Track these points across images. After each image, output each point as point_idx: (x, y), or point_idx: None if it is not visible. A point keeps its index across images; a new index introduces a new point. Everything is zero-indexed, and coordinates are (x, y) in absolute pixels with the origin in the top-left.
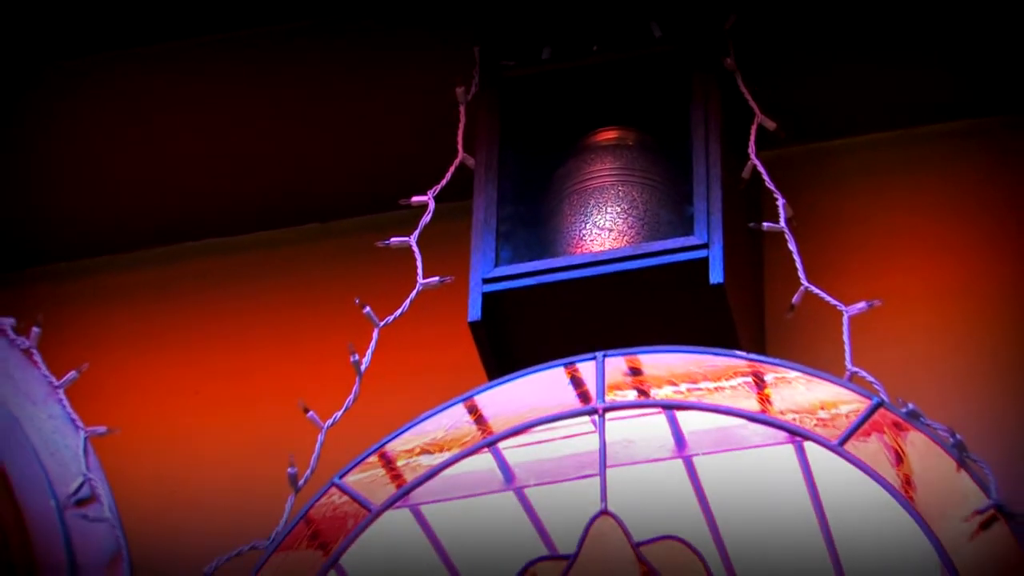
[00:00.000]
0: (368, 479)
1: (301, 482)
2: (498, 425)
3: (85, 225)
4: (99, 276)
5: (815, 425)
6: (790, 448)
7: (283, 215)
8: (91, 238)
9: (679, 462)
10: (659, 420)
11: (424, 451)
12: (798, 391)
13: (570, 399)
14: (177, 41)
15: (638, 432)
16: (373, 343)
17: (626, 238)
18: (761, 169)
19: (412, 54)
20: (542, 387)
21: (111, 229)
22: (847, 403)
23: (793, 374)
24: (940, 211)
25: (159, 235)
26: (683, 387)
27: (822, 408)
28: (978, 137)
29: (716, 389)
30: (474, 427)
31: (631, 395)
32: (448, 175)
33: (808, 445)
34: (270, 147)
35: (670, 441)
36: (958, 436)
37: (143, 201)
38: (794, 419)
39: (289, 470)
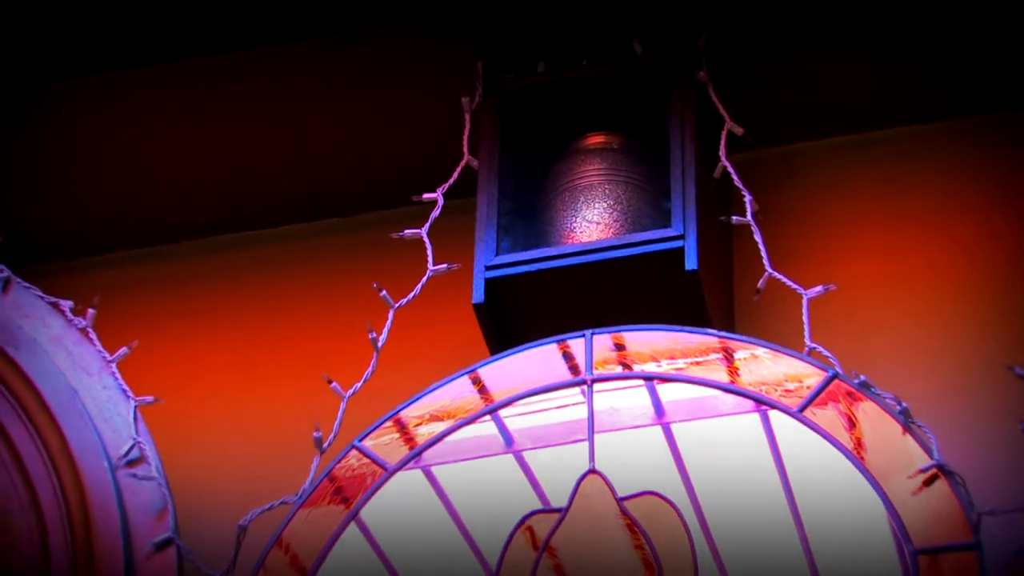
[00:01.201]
0: (384, 442)
1: (325, 445)
2: (499, 395)
3: (137, 219)
4: (148, 265)
5: (779, 395)
6: (756, 416)
7: (308, 210)
8: (141, 231)
9: (658, 428)
10: (641, 391)
11: (434, 418)
12: (764, 365)
13: (562, 372)
14: (222, 54)
15: (622, 401)
16: (389, 323)
17: (611, 230)
18: (730, 169)
19: (423, 69)
20: (537, 361)
21: (159, 223)
22: (807, 376)
23: (759, 350)
24: (890, 206)
25: (201, 229)
26: (662, 361)
27: (787, 381)
28: (926, 140)
29: (692, 363)
30: (477, 397)
31: (616, 368)
32: (455, 175)
33: (772, 413)
34: (297, 151)
35: (650, 410)
36: (904, 404)
37: (187, 199)
38: (762, 390)
39: (315, 434)
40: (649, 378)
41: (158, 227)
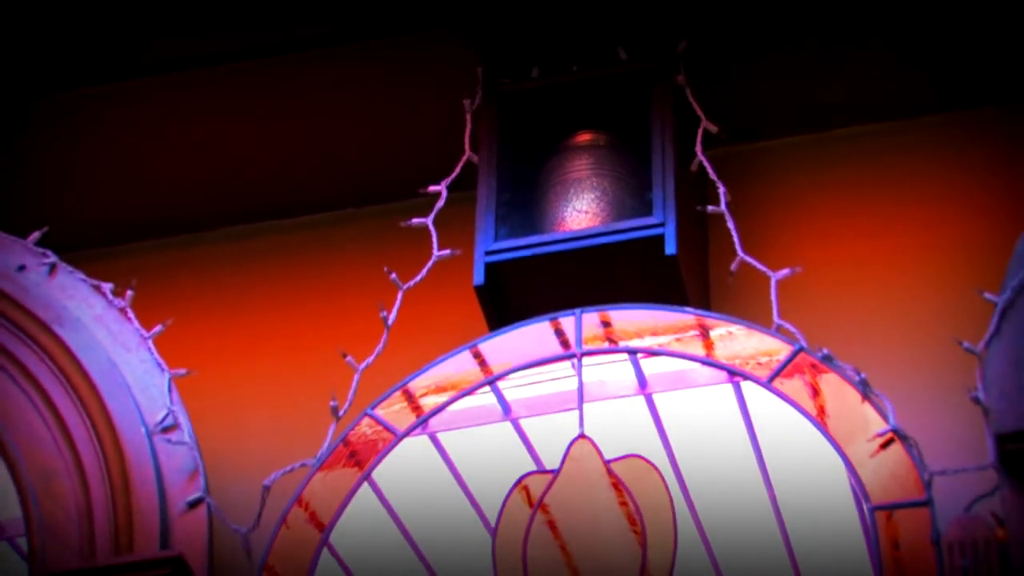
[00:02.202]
0: (394, 410)
1: (340, 413)
2: (497, 368)
3: (170, 210)
4: (180, 251)
5: (751, 368)
6: (730, 386)
7: (325, 201)
8: (174, 220)
9: (642, 398)
10: (625, 364)
11: (439, 388)
12: (737, 341)
13: (554, 347)
14: (248, 61)
15: (609, 374)
16: (398, 303)
17: (599, 219)
18: (706, 164)
19: (429, 74)
20: (532, 337)
21: (190, 214)
22: (776, 350)
23: (733, 327)
24: (851, 197)
25: (228, 218)
26: (645, 337)
27: (758, 355)
28: (885, 137)
29: (672, 339)
30: (478, 369)
31: (603, 344)
32: (457, 169)
33: (744, 383)
34: (315, 148)
35: (634, 381)
36: (862, 375)
37: (216, 191)
38: (735, 363)
39: (331, 403)
40: (633, 352)
41: (189, 217)
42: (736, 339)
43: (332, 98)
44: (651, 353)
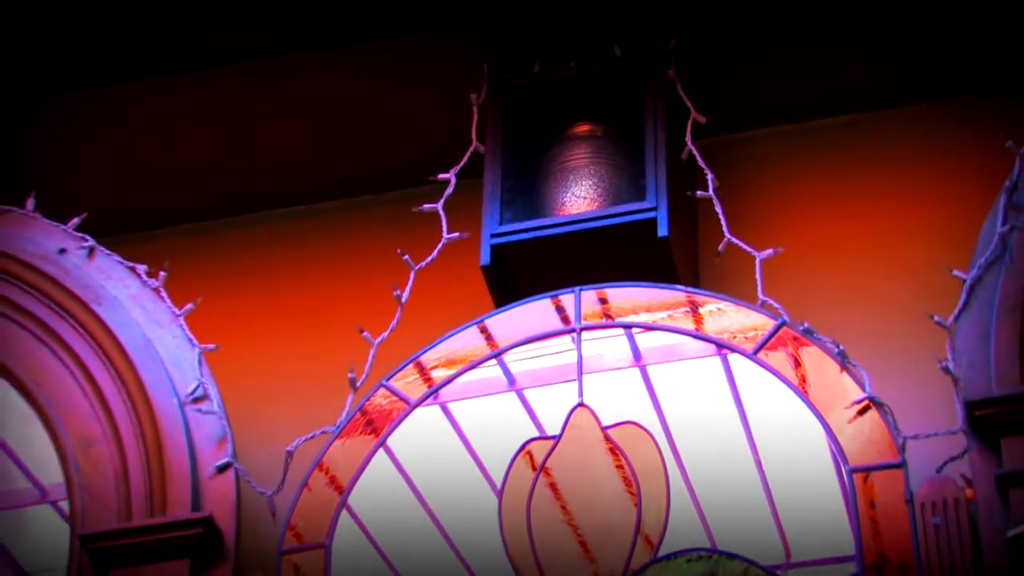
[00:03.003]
0: (407, 382)
1: (358, 384)
2: (502, 342)
3: (200, 198)
4: (209, 235)
5: (737, 341)
6: (718, 358)
7: (343, 189)
8: (205, 207)
9: (636, 370)
10: (621, 339)
11: (449, 362)
12: (725, 316)
13: (555, 322)
14: (276, 58)
15: (606, 347)
16: (410, 282)
17: (596, 203)
18: (695, 152)
19: (438, 70)
20: (535, 314)
21: (220, 201)
22: (760, 325)
23: (721, 304)
24: (831, 183)
25: (255, 205)
26: (640, 313)
27: (744, 330)
28: (863, 127)
29: (664, 315)
30: (484, 343)
31: (600, 319)
32: (465, 158)
33: (731, 355)
34: (335, 140)
35: (629, 354)
36: (841, 347)
37: (244, 180)
38: (723, 337)
39: (349, 375)
40: (628, 327)
41: (217, 204)
42: (724, 315)
43: (350, 94)
44: (646, 328)
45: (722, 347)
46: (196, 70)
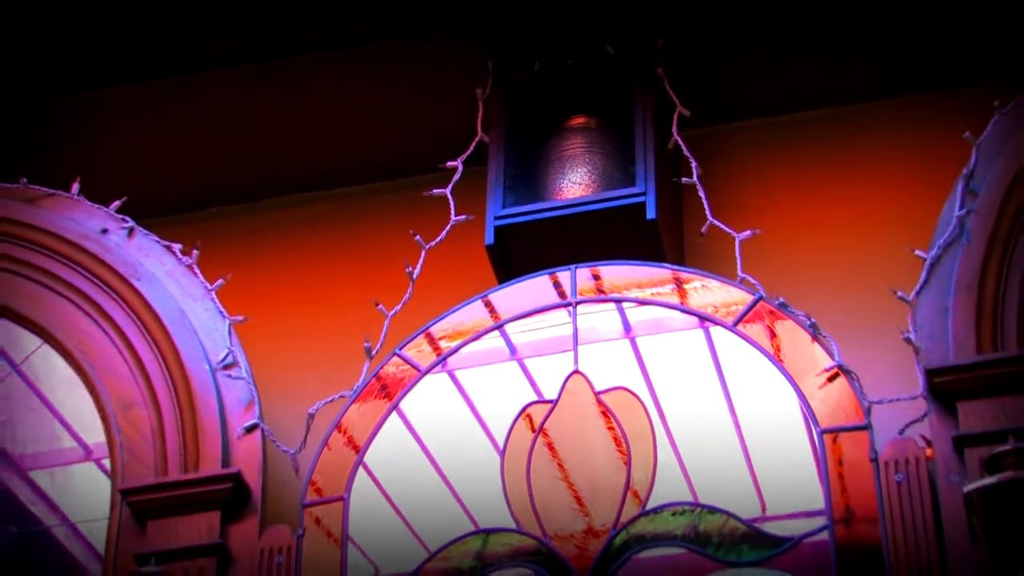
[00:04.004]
0: (418, 351)
1: (373, 353)
2: (505, 315)
3: (229, 182)
4: (238, 218)
5: (719, 315)
6: (701, 330)
7: (361, 175)
8: (233, 191)
9: (627, 341)
10: (613, 312)
11: (456, 333)
12: (707, 292)
13: (553, 297)
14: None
15: (598, 320)
16: (421, 260)
17: (590, 189)
18: (681, 143)
19: (447, 68)
20: (534, 289)
21: (246, 185)
22: (739, 300)
23: (704, 281)
24: (806, 171)
25: (278, 189)
26: (631, 289)
27: (724, 305)
28: (835, 121)
29: (652, 291)
30: (488, 316)
31: (594, 294)
32: (471, 148)
33: (713, 328)
34: (352, 131)
35: (620, 326)
36: (812, 319)
37: (269, 168)
38: (707, 311)
39: (365, 345)
40: (619, 301)
41: (246, 189)
42: (707, 291)
43: (367, 90)
44: (639, 302)
45: (705, 320)
46: (226, 67)
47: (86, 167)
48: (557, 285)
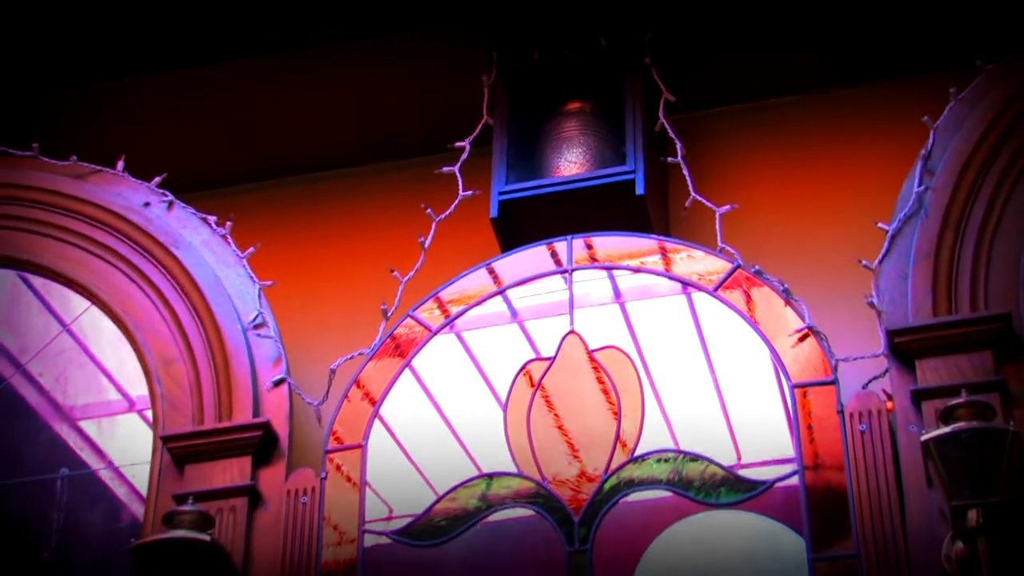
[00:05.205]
0: (429, 313)
1: (388, 315)
2: (507, 281)
3: (261, 161)
4: (267, 192)
5: (700, 281)
6: (684, 296)
7: (379, 154)
8: (262, 169)
9: (616, 306)
10: (605, 279)
11: (463, 297)
12: (692, 262)
13: (550, 265)
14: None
15: (591, 286)
16: (432, 231)
17: (585, 167)
18: (667, 125)
19: (456, 57)
20: (533, 258)
21: (273, 163)
22: (719, 268)
23: (688, 251)
24: (781, 150)
25: (303, 168)
26: (623, 259)
27: (706, 273)
28: (807, 106)
29: (640, 260)
30: (492, 283)
31: (588, 262)
32: (477, 130)
33: (696, 293)
34: (371, 116)
35: (611, 292)
36: (785, 285)
37: (294, 148)
38: (694, 278)
39: (382, 307)
40: (610, 268)
41: (274, 167)
42: (691, 260)
43: (383, 78)
44: (633, 270)
45: (687, 286)
46: (256, 57)
47: (130, 146)
48: (554, 254)
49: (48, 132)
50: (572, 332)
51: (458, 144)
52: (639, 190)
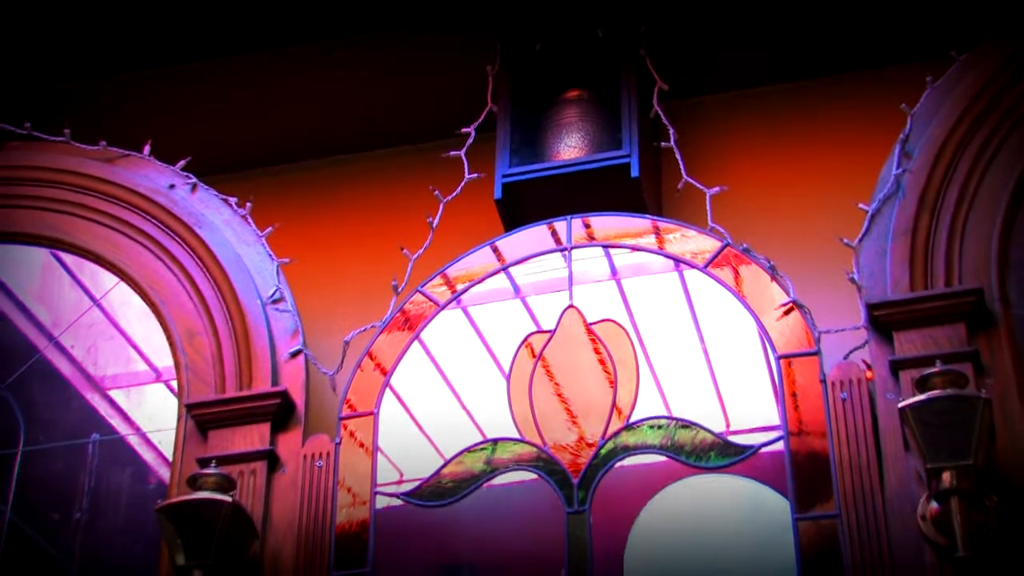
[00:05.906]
0: (437, 289)
1: (399, 290)
2: (510, 259)
3: (280, 146)
4: (285, 175)
5: (692, 259)
6: (676, 272)
7: (389, 140)
8: (280, 152)
9: (613, 282)
10: (602, 257)
11: (469, 274)
12: (685, 241)
13: (550, 243)
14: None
15: (589, 264)
16: (440, 211)
17: (583, 151)
18: (660, 112)
19: (463, 49)
20: (535, 237)
21: (292, 148)
22: (709, 247)
23: (682, 230)
24: (769, 135)
25: (319, 152)
26: (618, 237)
27: (697, 252)
28: (794, 94)
29: (635, 239)
30: (495, 260)
31: (586, 241)
32: (482, 116)
33: (687, 271)
34: (383, 104)
35: (608, 269)
36: (771, 262)
37: (313, 133)
38: (687, 256)
39: (393, 283)
40: (607, 246)
41: (292, 151)
42: (683, 239)
43: (393, 68)
44: (620, 247)
45: (680, 263)
46: (276, 48)
47: (156, 132)
48: (554, 233)
49: (79, 119)
50: (571, 307)
51: (464, 130)
52: (634, 173)
